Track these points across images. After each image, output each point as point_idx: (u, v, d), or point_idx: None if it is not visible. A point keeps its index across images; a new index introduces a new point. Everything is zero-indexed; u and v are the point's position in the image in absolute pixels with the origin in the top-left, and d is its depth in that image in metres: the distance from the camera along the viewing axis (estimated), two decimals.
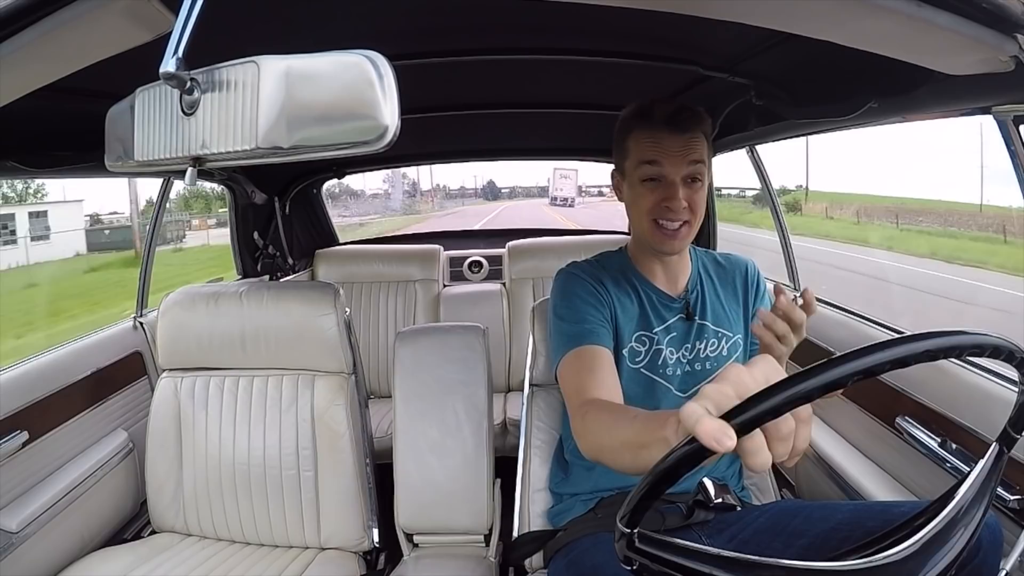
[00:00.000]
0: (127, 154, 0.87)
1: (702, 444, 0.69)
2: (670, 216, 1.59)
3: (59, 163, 1.95)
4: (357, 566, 2.05)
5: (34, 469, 2.11)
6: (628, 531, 0.75)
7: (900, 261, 15.54)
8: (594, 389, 1.47)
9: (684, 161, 1.57)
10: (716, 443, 0.68)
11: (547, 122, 3.50)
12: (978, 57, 1.11)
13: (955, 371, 1.79)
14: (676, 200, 1.57)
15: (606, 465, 1.30)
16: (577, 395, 1.48)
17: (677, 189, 1.57)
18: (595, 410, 1.38)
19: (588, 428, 1.36)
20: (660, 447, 0.99)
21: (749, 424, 0.69)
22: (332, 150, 0.72)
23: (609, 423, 1.28)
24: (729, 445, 0.68)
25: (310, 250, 4.23)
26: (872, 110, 1.70)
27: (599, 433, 1.31)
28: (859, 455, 2.14)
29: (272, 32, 1.73)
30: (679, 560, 0.76)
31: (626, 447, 1.16)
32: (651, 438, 1.05)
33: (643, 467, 1.14)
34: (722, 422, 0.69)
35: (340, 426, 2.07)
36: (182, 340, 2.16)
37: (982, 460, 0.96)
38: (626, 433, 1.17)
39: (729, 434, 0.68)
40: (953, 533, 0.88)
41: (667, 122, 1.58)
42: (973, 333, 0.79)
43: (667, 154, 1.57)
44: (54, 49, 1.01)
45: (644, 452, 1.07)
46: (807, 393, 0.69)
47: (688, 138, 1.57)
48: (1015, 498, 1.49)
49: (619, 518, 0.76)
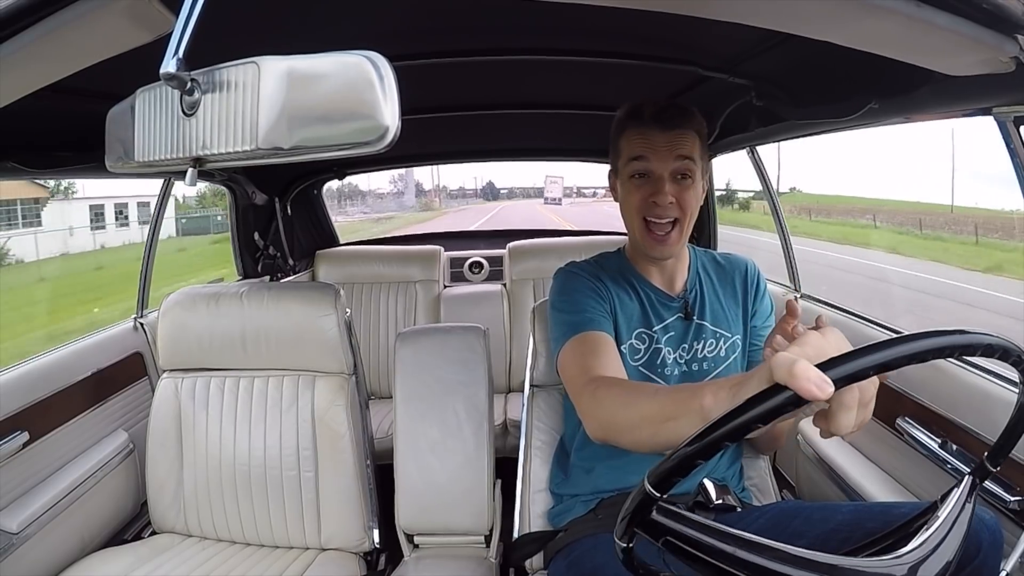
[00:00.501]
0: (127, 155, 0.87)
1: (792, 393, 0.69)
2: (657, 213, 1.60)
3: (60, 164, 1.95)
4: (358, 567, 2.05)
5: (34, 470, 2.11)
6: (656, 495, 0.75)
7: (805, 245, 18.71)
8: (600, 368, 1.47)
9: (671, 156, 1.59)
10: (817, 389, 0.68)
11: (547, 123, 3.50)
12: (978, 58, 1.11)
13: (955, 372, 1.79)
14: (662, 195, 1.58)
15: (615, 443, 1.30)
16: (583, 374, 1.47)
17: (664, 184, 1.59)
18: (606, 386, 1.38)
19: (600, 403, 1.35)
20: (692, 419, 1.00)
21: (848, 378, 0.70)
22: (333, 151, 0.72)
23: (625, 397, 1.28)
24: (829, 392, 0.68)
25: (311, 251, 4.23)
26: (872, 111, 1.70)
27: (613, 408, 1.31)
28: (859, 456, 2.14)
29: (273, 33, 1.73)
30: (692, 532, 0.76)
31: (646, 422, 1.16)
32: (681, 409, 1.05)
33: (664, 443, 1.14)
34: (819, 371, 0.69)
35: (341, 427, 2.07)
36: (183, 341, 2.16)
37: (957, 489, 0.97)
38: (646, 408, 1.17)
39: (828, 381, 0.69)
40: (944, 539, 0.88)
41: (655, 118, 1.60)
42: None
43: (654, 149, 1.59)
44: (54, 50, 1.01)
45: (670, 425, 1.08)
46: (905, 357, 0.70)
47: (676, 134, 1.59)
48: (1015, 499, 1.49)
49: (647, 478, 0.75)
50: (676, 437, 1.04)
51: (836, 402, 0.78)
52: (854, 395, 0.78)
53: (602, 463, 1.71)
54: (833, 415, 0.79)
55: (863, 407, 0.80)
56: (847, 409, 0.78)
